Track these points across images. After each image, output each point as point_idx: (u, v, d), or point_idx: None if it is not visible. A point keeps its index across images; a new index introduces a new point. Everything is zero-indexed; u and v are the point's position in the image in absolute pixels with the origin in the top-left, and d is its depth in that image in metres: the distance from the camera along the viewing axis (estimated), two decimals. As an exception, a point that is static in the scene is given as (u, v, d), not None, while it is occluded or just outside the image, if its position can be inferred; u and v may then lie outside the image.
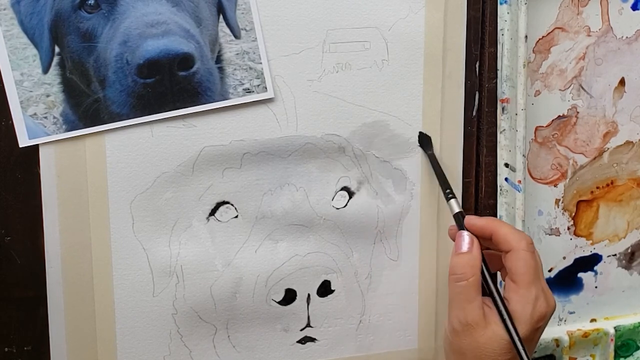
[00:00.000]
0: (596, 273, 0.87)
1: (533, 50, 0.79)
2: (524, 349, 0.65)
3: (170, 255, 0.73)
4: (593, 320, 0.88)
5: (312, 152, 0.74)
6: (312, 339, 0.78)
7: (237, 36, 0.70)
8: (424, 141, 0.76)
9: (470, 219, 0.71)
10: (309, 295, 0.77)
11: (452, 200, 0.73)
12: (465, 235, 0.70)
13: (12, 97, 0.66)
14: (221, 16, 0.69)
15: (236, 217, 0.74)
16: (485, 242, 0.71)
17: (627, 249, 0.87)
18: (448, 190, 0.73)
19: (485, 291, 0.68)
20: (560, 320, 0.86)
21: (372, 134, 0.75)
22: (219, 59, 0.70)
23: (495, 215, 0.80)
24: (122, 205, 0.71)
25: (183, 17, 0.68)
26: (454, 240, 0.71)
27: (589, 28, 0.80)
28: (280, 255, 0.75)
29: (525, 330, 0.66)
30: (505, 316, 0.66)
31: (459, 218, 0.71)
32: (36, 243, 0.70)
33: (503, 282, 0.71)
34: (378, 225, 0.77)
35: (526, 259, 0.67)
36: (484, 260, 0.69)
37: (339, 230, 0.76)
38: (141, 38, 0.67)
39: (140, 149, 0.70)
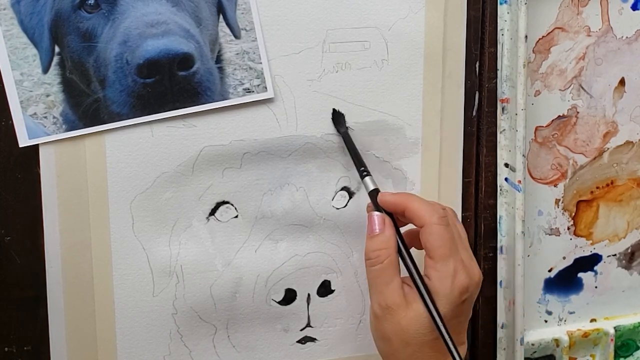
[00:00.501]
0: (596, 273, 0.87)
1: (533, 50, 0.79)
2: (444, 326, 0.62)
3: (170, 255, 0.73)
4: (593, 320, 0.88)
5: (312, 152, 0.74)
6: (312, 339, 0.78)
7: (237, 36, 0.70)
8: (338, 119, 0.74)
9: (383, 196, 0.68)
10: (309, 295, 0.77)
11: (367, 178, 0.70)
12: (375, 216, 0.67)
13: (12, 97, 0.66)
14: (221, 16, 0.69)
15: (236, 217, 0.74)
16: (402, 219, 0.69)
17: (627, 249, 0.87)
18: (362, 168, 0.71)
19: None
20: (560, 320, 0.86)
21: (372, 134, 0.75)
22: (219, 59, 0.70)
23: (495, 216, 0.80)
24: (122, 205, 0.71)
25: (183, 17, 0.68)
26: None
27: (589, 28, 0.80)
28: (280, 255, 0.75)
29: (446, 305, 0.64)
30: (424, 292, 0.63)
31: (373, 196, 0.69)
32: (36, 243, 0.70)
33: None
34: (378, 225, 0.77)
35: (439, 233, 0.65)
36: (400, 237, 0.67)
37: (339, 230, 0.76)
38: (141, 38, 0.67)
39: (140, 148, 0.70)
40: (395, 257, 0.66)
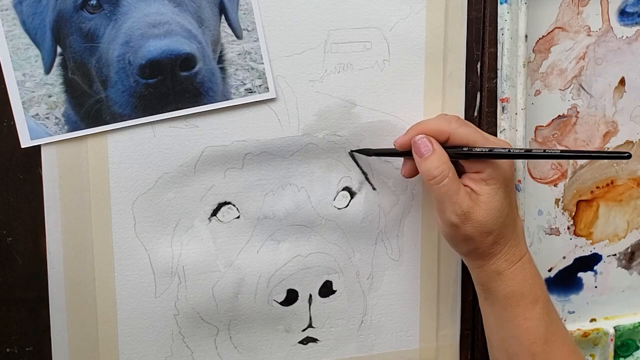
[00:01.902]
0: (596, 273, 0.87)
1: (533, 50, 0.79)
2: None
3: (172, 256, 0.72)
4: (593, 320, 0.88)
5: (313, 153, 0.74)
6: (314, 340, 0.78)
7: (239, 36, 0.70)
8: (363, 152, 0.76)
9: (398, 141, 0.73)
10: (310, 295, 0.77)
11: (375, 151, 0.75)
12: (421, 139, 0.71)
13: (14, 97, 0.66)
14: (223, 16, 0.70)
15: (238, 217, 0.74)
16: None
17: (627, 248, 0.87)
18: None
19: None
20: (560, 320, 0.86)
21: (374, 134, 0.75)
22: (220, 59, 0.70)
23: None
24: (124, 206, 0.71)
25: (185, 18, 0.68)
26: (410, 177, 0.74)
27: (589, 28, 0.80)
28: (282, 256, 0.75)
29: (509, 178, 0.72)
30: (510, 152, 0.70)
31: (394, 152, 0.74)
32: (38, 244, 0.70)
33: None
34: (379, 226, 0.78)
35: (466, 132, 0.71)
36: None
37: (341, 230, 0.76)
38: (143, 38, 0.67)
39: (142, 149, 0.70)
40: (454, 168, 0.70)
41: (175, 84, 0.68)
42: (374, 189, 0.77)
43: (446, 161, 0.70)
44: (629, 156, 0.68)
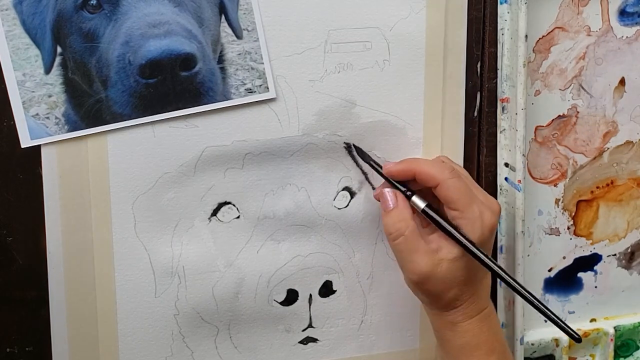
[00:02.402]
0: (596, 273, 0.87)
1: (533, 50, 0.79)
2: (488, 257, 0.69)
3: (172, 256, 0.73)
4: (593, 320, 0.88)
5: (313, 153, 0.74)
6: (314, 340, 0.78)
7: (239, 36, 0.70)
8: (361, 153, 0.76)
9: (388, 168, 0.72)
10: (310, 295, 0.77)
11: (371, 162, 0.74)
12: (386, 192, 0.71)
13: (14, 97, 0.66)
14: (223, 16, 0.69)
15: (238, 217, 0.74)
16: (411, 184, 0.72)
17: (627, 248, 0.87)
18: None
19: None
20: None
21: (374, 134, 0.75)
22: (221, 59, 0.70)
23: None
24: (124, 206, 0.71)
25: (185, 18, 0.68)
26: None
27: (589, 28, 0.80)
28: (282, 256, 0.75)
29: (482, 245, 0.69)
30: (465, 242, 0.68)
31: (379, 171, 0.73)
32: (38, 243, 0.70)
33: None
34: (379, 226, 0.77)
35: (456, 186, 0.69)
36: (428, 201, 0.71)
37: (341, 230, 0.76)
38: (143, 38, 0.67)
39: (142, 149, 0.70)
40: (414, 226, 0.69)
41: (175, 84, 0.68)
42: (374, 188, 0.77)
43: (405, 219, 0.69)
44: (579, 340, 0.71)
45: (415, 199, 0.71)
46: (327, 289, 0.77)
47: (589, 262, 0.86)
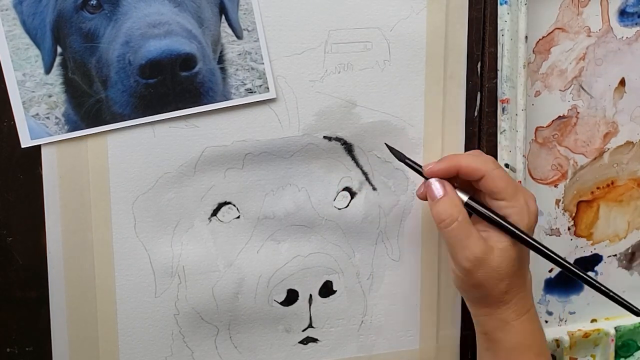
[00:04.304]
0: (597, 273, 0.87)
1: (533, 51, 0.79)
2: (540, 244, 0.71)
3: (172, 256, 0.73)
4: (594, 320, 0.88)
5: (314, 153, 0.74)
6: (314, 340, 0.78)
7: (239, 36, 0.70)
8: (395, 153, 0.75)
9: (430, 168, 0.72)
10: (310, 295, 0.77)
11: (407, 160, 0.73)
12: (434, 182, 0.71)
13: (14, 97, 0.66)
14: (223, 17, 0.70)
15: (238, 217, 0.74)
16: (452, 180, 0.72)
17: (628, 249, 0.87)
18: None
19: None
20: (561, 320, 0.86)
21: (374, 135, 0.75)
22: (221, 60, 0.70)
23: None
24: (124, 206, 0.71)
25: (185, 18, 0.68)
26: (425, 200, 0.72)
27: (589, 28, 0.80)
28: (282, 256, 0.75)
29: (531, 233, 0.71)
30: (515, 230, 0.70)
31: (420, 172, 0.72)
32: (38, 243, 0.70)
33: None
34: (379, 226, 0.78)
35: (501, 175, 0.70)
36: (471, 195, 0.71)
37: (341, 230, 0.76)
38: (143, 38, 0.67)
39: (142, 149, 0.70)
40: (465, 212, 0.70)
41: (175, 84, 0.68)
42: (374, 189, 0.77)
43: (457, 205, 0.69)
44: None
45: (458, 192, 0.71)
46: (327, 289, 0.77)
47: (590, 262, 0.86)
